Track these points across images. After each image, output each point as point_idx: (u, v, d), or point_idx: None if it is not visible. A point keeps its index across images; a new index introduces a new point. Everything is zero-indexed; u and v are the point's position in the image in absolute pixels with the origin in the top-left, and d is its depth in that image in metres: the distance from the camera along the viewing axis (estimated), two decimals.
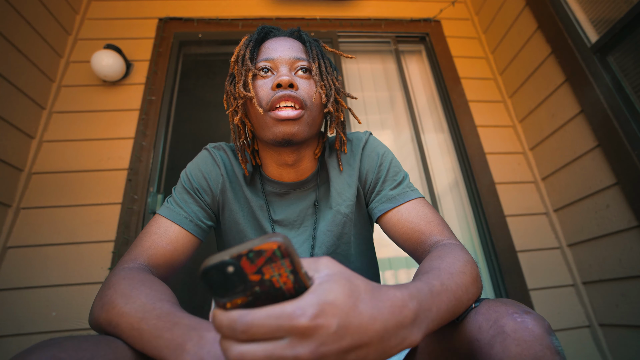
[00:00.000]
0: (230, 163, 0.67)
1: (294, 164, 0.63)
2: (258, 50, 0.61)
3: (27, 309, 1.22)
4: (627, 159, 1.19)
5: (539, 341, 0.34)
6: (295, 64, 0.60)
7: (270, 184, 0.66)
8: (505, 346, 0.35)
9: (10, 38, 1.36)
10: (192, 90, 1.79)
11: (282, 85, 0.55)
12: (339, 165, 0.67)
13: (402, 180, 0.65)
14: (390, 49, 1.96)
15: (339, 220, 0.65)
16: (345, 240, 0.67)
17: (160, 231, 0.57)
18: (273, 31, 0.65)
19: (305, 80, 0.59)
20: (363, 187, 0.67)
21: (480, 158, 1.65)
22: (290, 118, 0.54)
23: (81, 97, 1.58)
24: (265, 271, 0.26)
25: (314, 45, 0.63)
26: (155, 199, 1.46)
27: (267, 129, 0.57)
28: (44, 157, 1.45)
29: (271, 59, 0.59)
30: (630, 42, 1.22)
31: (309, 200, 0.67)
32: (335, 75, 0.65)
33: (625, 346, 1.25)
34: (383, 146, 0.69)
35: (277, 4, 1.91)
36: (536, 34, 1.58)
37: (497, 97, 1.82)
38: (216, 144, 0.69)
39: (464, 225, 1.65)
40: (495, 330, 0.36)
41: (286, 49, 0.60)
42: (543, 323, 0.36)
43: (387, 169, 0.66)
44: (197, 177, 0.64)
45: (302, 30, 0.67)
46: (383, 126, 1.86)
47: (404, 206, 0.61)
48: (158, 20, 1.80)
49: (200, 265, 0.26)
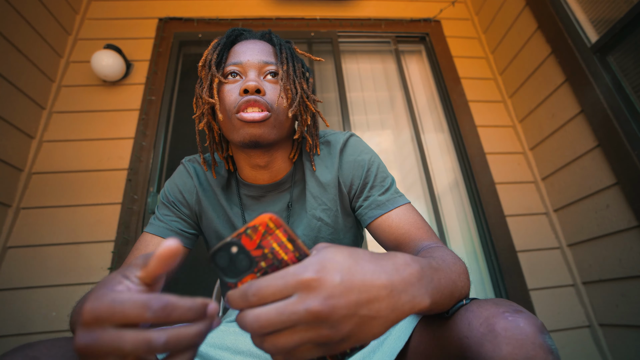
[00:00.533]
0: (203, 173, 0.69)
1: (266, 165, 0.63)
2: (228, 54, 0.61)
3: (27, 309, 1.22)
4: (627, 159, 1.19)
5: (531, 340, 0.34)
6: (264, 68, 0.59)
7: (245, 187, 0.67)
8: (496, 345, 0.34)
9: (10, 38, 1.36)
10: (192, 90, 1.78)
11: (249, 91, 0.55)
12: (313, 167, 0.66)
13: (390, 185, 0.65)
14: (390, 49, 1.96)
15: (314, 224, 0.65)
16: None
17: (141, 246, 0.60)
18: (244, 34, 0.65)
19: (273, 85, 0.59)
20: (348, 192, 0.66)
21: (480, 158, 1.65)
22: (255, 120, 0.54)
23: (81, 97, 1.58)
24: (265, 245, 0.29)
25: (284, 48, 0.63)
26: (155, 199, 1.46)
27: (234, 131, 0.57)
28: (44, 157, 1.45)
29: (240, 63, 0.59)
30: (630, 42, 1.22)
31: (284, 202, 0.66)
32: (306, 77, 0.65)
33: (625, 346, 1.25)
34: (368, 149, 0.68)
35: (277, 4, 1.91)
36: (536, 34, 1.58)
37: (497, 97, 1.82)
38: (191, 157, 0.72)
39: (464, 225, 1.65)
40: (486, 329, 0.36)
41: (255, 53, 0.60)
42: (535, 322, 0.35)
43: (375, 174, 0.65)
44: (172, 191, 0.67)
45: (273, 33, 0.66)
46: (383, 126, 1.86)
47: (394, 212, 0.61)
48: (158, 20, 1.80)
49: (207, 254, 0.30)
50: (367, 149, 0.68)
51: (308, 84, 0.65)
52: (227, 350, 0.53)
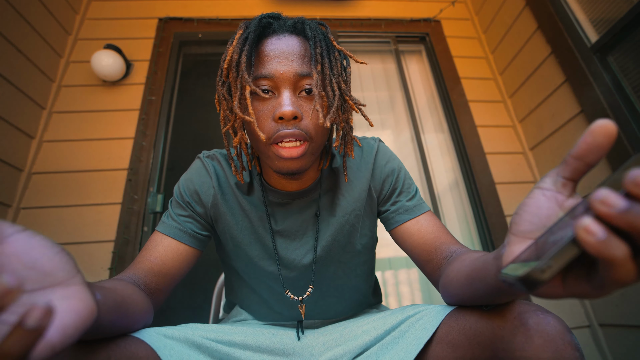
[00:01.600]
0: (224, 173, 0.64)
1: (298, 179, 0.62)
2: (256, 54, 0.53)
3: None
4: (627, 159, 1.19)
5: (560, 336, 0.36)
6: (300, 83, 0.51)
7: (271, 193, 0.63)
8: (529, 337, 0.37)
9: (10, 38, 1.36)
10: (192, 90, 1.79)
11: (284, 118, 0.49)
12: (345, 173, 0.63)
13: (416, 192, 0.67)
14: (390, 49, 1.96)
15: (346, 230, 0.64)
16: (349, 250, 0.66)
17: (151, 246, 0.58)
18: (273, 24, 0.56)
19: (310, 105, 0.52)
20: (378, 196, 0.66)
21: (480, 158, 1.65)
22: (292, 157, 0.50)
23: (81, 97, 1.58)
24: None
25: (319, 40, 0.53)
26: (155, 199, 1.46)
27: (268, 160, 0.53)
28: (44, 157, 1.45)
29: (272, 77, 0.50)
30: (630, 42, 1.22)
31: (312, 209, 0.64)
32: (344, 74, 0.57)
33: (625, 346, 1.25)
34: (395, 156, 0.69)
35: (277, 4, 1.91)
36: (536, 34, 1.58)
37: (497, 97, 1.82)
38: (210, 153, 0.66)
39: (464, 225, 1.65)
40: (519, 321, 0.38)
41: (289, 61, 0.51)
42: (563, 322, 0.38)
43: (403, 181, 0.66)
44: (188, 189, 0.62)
45: (307, 21, 0.56)
46: (383, 126, 1.86)
47: (422, 217, 0.63)
48: (158, 20, 1.80)
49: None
50: (394, 155, 0.69)
51: (347, 78, 0.57)
52: (236, 347, 0.53)
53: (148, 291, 0.53)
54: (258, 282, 0.66)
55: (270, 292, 0.66)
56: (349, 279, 0.68)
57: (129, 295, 0.44)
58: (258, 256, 0.64)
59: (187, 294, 1.39)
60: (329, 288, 0.67)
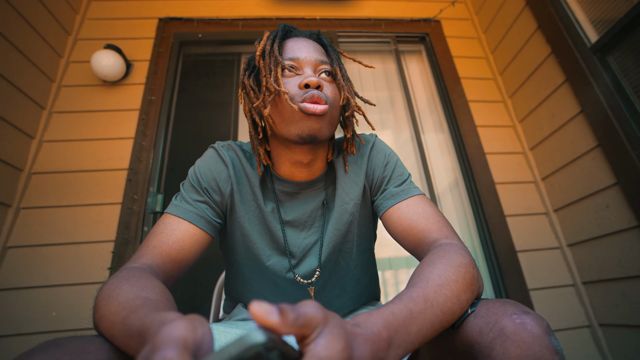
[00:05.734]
0: (240, 164, 0.66)
1: (309, 163, 0.64)
2: (282, 48, 0.63)
3: (27, 309, 1.22)
4: (627, 159, 1.19)
5: (538, 342, 0.35)
6: (319, 67, 0.62)
7: (280, 183, 0.66)
8: (505, 348, 0.36)
9: (10, 38, 1.36)
10: (192, 90, 1.79)
11: (310, 86, 0.57)
12: (345, 166, 0.68)
13: (406, 179, 0.68)
14: (390, 49, 1.96)
15: (346, 219, 0.67)
16: (350, 239, 0.68)
17: (167, 230, 0.56)
18: (293, 31, 0.67)
19: (327, 83, 0.61)
20: (370, 185, 0.69)
21: (480, 158, 1.65)
22: (316, 113, 0.56)
23: (81, 97, 1.58)
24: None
25: (332, 49, 0.65)
26: (155, 199, 1.46)
27: (293, 123, 0.57)
28: (44, 157, 1.45)
29: (297, 59, 0.60)
30: (630, 42, 1.22)
31: (319, 199, 0.68)
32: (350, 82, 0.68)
33: (625, 346, 1.25)
34: (389, 148, 0.73)
35: (277, 4, 1.91)
36: (536, 34, 1.58)
37: (497, 97, 1.82)
38: (224, 143, 0.68)
39: (464, 225, 1.65)
40: (496, 333, 0.37)
41: (311, 51, 0.62)
42: (542, 323, 0.37)
43: (393, 169, 0.68)
44: (206, 176, 0.63)
45: (321, 33, 0.68)
46: (383, 126, 1.86)
47: (405, 202, 0.63)
48: (158, 20, 1.80)
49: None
50: (389, 148, 0.73)
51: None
52: None
53: (164, 279, 0.52)
54: (261, 276, 0.67)
55: (274, 287, 0.67)
56: (349, 269, 0.70)
57: (168, 299, 0.43)
58: (266, 246, 0.65)
59: (187, 294, 1.39)
60: (331, 278, 0.69)
